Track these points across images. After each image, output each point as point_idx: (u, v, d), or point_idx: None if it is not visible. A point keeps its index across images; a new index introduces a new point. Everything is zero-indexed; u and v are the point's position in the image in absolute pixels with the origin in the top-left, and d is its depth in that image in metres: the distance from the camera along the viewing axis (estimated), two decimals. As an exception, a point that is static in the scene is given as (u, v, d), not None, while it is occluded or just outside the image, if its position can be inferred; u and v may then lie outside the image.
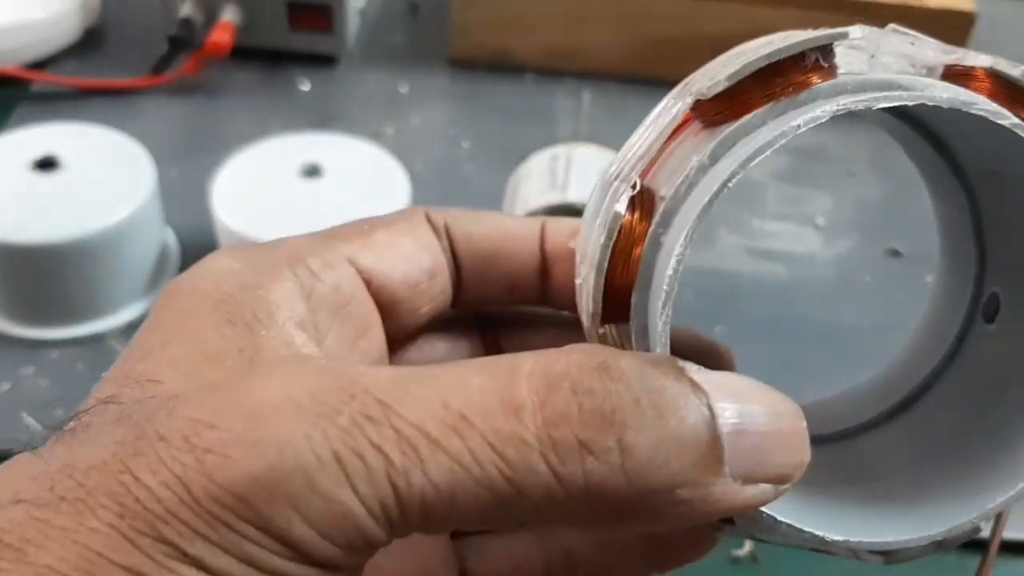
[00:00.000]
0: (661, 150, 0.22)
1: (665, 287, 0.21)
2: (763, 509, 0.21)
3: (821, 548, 0.22)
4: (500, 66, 0.79)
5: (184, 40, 0.75)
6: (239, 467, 0.18)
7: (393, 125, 0.75)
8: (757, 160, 0.20)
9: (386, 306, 0.27)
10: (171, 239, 0.63)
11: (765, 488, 0.20)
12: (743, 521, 0.22)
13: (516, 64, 0.79)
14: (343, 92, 0.78)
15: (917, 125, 0.26)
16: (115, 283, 0.57)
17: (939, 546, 0.23)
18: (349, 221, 0.27)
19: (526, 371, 0.20)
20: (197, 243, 0.62)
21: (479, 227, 0.28)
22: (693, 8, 0.76)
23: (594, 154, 0.58)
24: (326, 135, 0.63)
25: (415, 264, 0.27)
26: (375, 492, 0.18)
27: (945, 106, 0.21)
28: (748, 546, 0.49)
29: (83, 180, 0.57)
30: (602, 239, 0.22)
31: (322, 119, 0.74)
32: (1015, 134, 0.21)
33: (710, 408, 0.20)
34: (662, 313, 0.21)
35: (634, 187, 0.22)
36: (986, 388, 0.26)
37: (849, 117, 0.22)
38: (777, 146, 0.21)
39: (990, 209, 0.26)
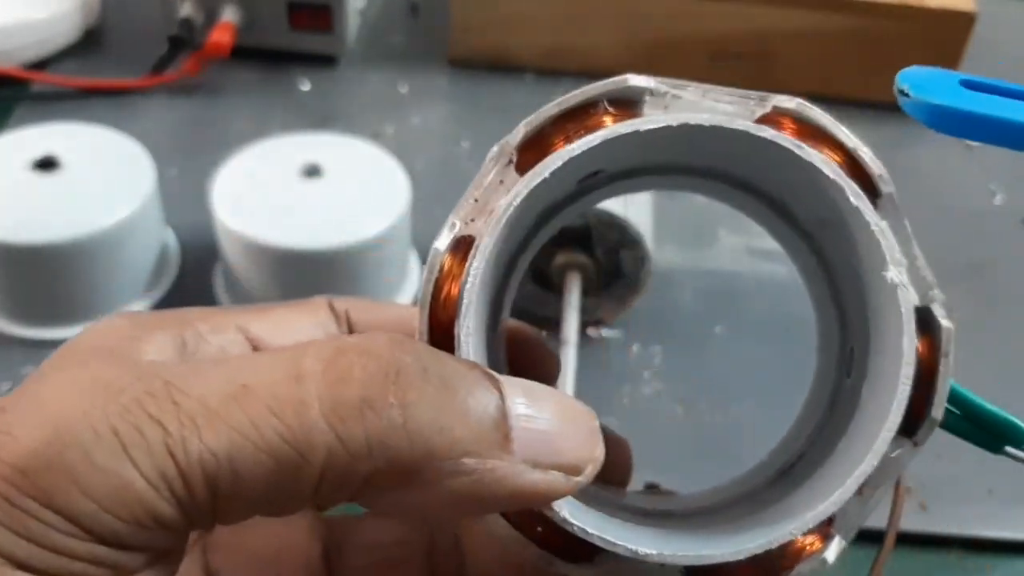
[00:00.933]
0: (479, 199, 0.24)
1: (464, 299, 0.22)
2: (572, 520, 0.22)
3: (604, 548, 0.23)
4: (500, 66, 0.79)
5: (184, 40, 0.75)
6: (20, 444, 0.19)
7: (393, 125, 0.75)
8: (537, 182, 0.23)
9: None
10: (171, 239, 0.63)
11: (556, 475, 0.21)
12: (551, 514, 0.22)
13: (516, 64, 0.79)
14: (343, 92, 0.78)
15: (760, 195, 0.28)
16: (115, 283, 0.57)
17: (763, 567, 0.23)
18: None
19: (316, 345, 0.20)
20: (197, 243, 0.62)
21: (378, 316, 0.29)
22: (693, 8, 0.76)
23: (594, 154, 0.58)
24: (326, 135, 0.63)
25: (307, 337, 0.27)
26: (154, 463, 0.19)
27: (707, 124, 0.22)
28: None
29: (83, 180, 0.57)
30: (425, 275, 0.23)
31: (322, 119, 0.74)
32: (809, 163, 0.22)
33: (500, 393, 0.21)
34: (463, 324, 0.22)
35: (452, 227, 0.23)
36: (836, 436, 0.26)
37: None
38: (554, 168, 0.22)
39: (835, 263, 0.27)
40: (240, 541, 0.29)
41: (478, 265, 0.23)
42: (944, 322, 0.23)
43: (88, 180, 0.57)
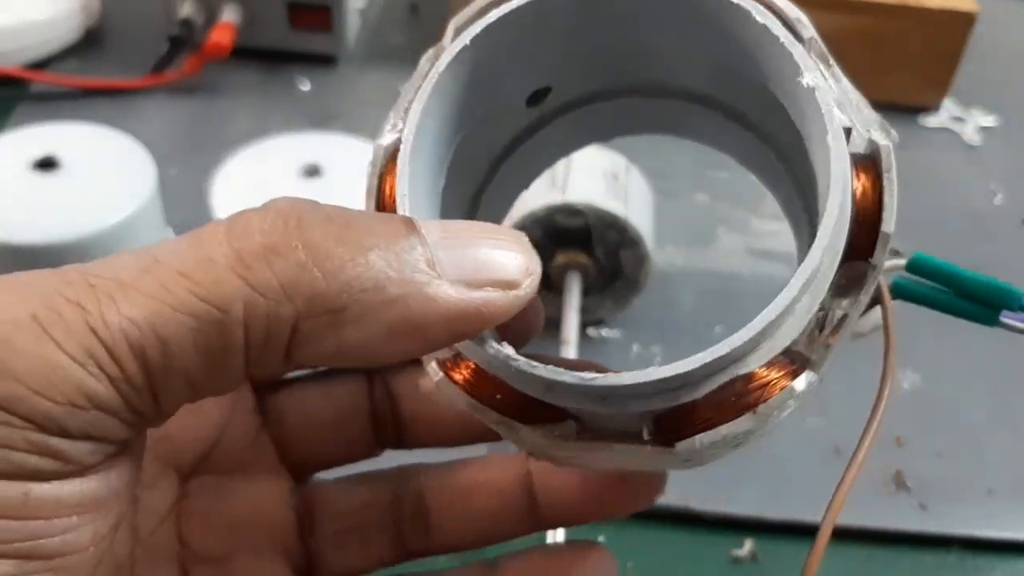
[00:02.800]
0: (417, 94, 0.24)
1: (399, 164, 0.23)
2: (516, 356, 0.22)
3: (549, 390, 0.22)
4: (500, 66, 0.79)
5: (184, 40, 0.75)
6: None
7: (393, 125, 0.75)
8: (466, 41, 0.23)
9: None
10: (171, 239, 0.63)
11: (492, 291, 0.21)
12: (470, 348, 0.22)
13: (516, 64, 0.79)
14: (343, 92, 0.78)
15: (715, 106, 0.27)
16: (115, 283, 0.57)
17: (667, 385, 0.22)
18: None
19: (221, 219, 0.21)
20: (197, 243, 0.62)
21: None
22: (693, 8, 0.76)
23: (594, 154, 0.58)
24: (326, 135, 0.63)
25: None
26: (77, 340, 0.19)
27: None
28: (748, 546, 0.49)
29: (83, 180, 0.57)
30: (369, 169, 0.24)
31: (322, 119, 0.74)
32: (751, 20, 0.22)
33: (416, 228, 0.21)
34: (399, 187, 0.23)
35: (394, 127, 0.24)
36: None
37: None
38: (477, 33, 0.23)
39: (792, 154, 0.27)
40: (214, 509, 0.29)
41: (408, 130, 0.23)
42: (882, 141, 0.23)
43: (88, 180, 0.57)
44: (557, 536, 0.40)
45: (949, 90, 0.78)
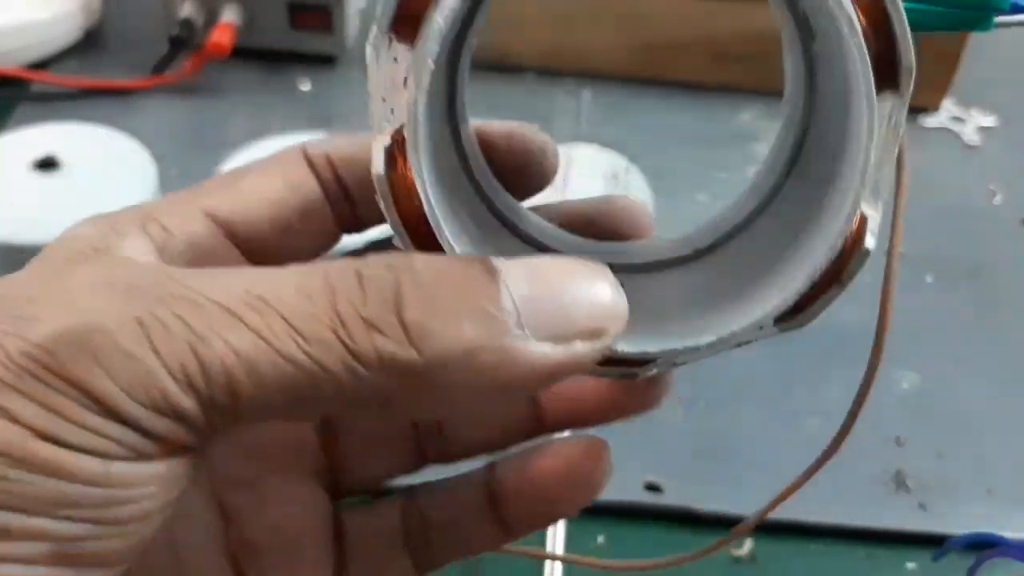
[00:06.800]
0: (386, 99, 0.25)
1: (421, 190, 0.23)
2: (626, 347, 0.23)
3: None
4: (500, 66, 0.79)
5: (184, 40, 0.75)
6: (47, 326, 0.20)
7: (393, 125, 0.75)
8: (445, 17, 0.23)
9: (255, 252, 0.28)
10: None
11: (578, 345, 0.21)
12: None
13: (516, 64, 0.79)
14: (343, 92, 0.78)
15: None
16: (115, 283, 0.57)
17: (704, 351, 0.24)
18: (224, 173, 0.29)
19: (324, 268, 0.21)
20: (197, 243, 0.62)
21: (360, 150, 0.29)
22: (693, 8, 0.76)
23: (594, 154, 0.58)
24: (326, 135, 0.63)
25: (281, 206, 0.28)
26: (176, 355, 0.19)
27: None
28: (748, 546, 0.49)
29: (83, 180, 0.57)
30: (381, 201, 0.24)
31: (322, 119, 0.74)
32: None
33: (502, 280, 0.21)
34: (432, 212, 0.23)
35: (381, 129, 0.25)
36: (783, 229, 0.26)
37: None
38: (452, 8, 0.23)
39: (817, 39, 0.26)
40: (237, 434, 0.30)
41: (416, 156, 0.24)
42: None
43: (88, 180, 0.57)
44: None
45: (949, 90, 0.79)
